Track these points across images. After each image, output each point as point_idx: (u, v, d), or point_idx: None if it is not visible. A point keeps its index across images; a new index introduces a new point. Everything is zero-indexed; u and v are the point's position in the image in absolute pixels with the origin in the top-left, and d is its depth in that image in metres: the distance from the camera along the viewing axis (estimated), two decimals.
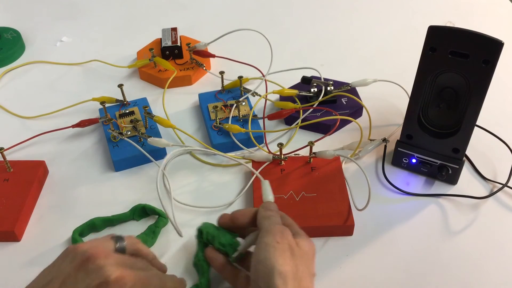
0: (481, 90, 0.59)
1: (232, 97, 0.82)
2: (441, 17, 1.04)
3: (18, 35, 0.99)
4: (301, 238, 0.51)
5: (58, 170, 0.73)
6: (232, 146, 0.74)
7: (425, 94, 0.64)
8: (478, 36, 0.55)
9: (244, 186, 0.69)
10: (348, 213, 0.62)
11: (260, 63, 0.86)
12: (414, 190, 0.68)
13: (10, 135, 0.78)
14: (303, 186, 0.66)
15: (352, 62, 0.94)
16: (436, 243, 0.62)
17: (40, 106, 0.84)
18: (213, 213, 0.66)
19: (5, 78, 0.92)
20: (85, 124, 0.76)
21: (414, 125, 0.66)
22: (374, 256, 0.61)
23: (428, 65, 0.61)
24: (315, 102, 0.78)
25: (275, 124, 0.80)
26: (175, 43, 0.90)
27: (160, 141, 0.71)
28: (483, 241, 0.62)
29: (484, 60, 0.56)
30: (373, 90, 0.80)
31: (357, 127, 0.72)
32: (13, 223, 0.62)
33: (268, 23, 1.04)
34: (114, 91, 0.81)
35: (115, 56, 0.95)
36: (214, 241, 0.55)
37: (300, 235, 0.52)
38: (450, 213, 0.65)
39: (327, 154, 0.67)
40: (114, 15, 1.09)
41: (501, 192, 0.67)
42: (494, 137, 0.74)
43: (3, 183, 0.67)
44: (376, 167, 0.72)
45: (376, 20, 1.06)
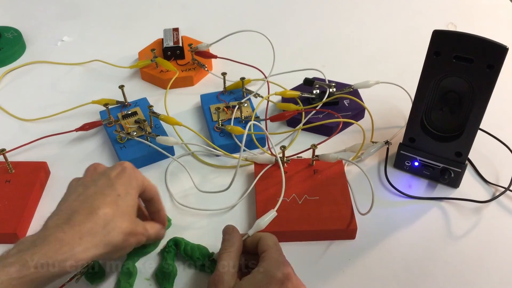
0: (485, 94, 0.59)
1: (234, 98, 0.82)
2: (443, 19, 1.04)
3: (19, 34, 0.99)
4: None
5: (60, 172, 0.73)
6: (234, 147, 0.74)
7: (429, 98, 0.64)
8: (483, 41, 0.55)
9: (247, 188, 0.68)
10: (351, 216, 0.62)
11: (261, 64, 0.85)
12: (416, 193, 0.68)
13: (11, 137, 0.78)
14: (306, 189, 0.66)
15: (353, 63, 0.94)
16: (438, 247, 0.62)
17: (41, 107, 0.84)
18: (215, 215, 0.66)
19: (6, 78, 0.92)
20: (88, 128, 0.76)
21: (417, 128, 0.66)
22: (377, 260, 0.61)
23: (432, 69, 0.61)
24: (318, 104, 0.78)
25: (277, 126, 0.80)
26: (177, 43, 0.90)
27: (168, 139, 0.71)
28: (485, 245, 0.62)
29: (489, 65, 0.56)
30: (375, 92, 0.80)
31: (359, 128, 0.72)
32: (15, 225, 0.62)
33: (270, 24, 1.04)
34: (115, 92, 0.80)
35: (116, 56, 0.94)
36: (194, 251, 0.59)
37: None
38: (452, 216, 0.65)
39: (330, 157, 0.67)
40: (116, 15, 1.09)
41: (503, 196, 0.67)
42: (497, 141, 0.74)
43: (5, 185, 0.67)
44: (379, 170, 0.72)
45: (378, 21, 1.05)
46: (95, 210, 0.49)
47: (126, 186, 0.53)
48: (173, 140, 0.71)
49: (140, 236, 0.54)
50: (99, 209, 0.49)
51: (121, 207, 0.51)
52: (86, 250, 0.47)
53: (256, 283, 0.49)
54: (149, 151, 0.72)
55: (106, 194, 0.51)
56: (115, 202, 0.51)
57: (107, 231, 0.49)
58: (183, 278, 0.59)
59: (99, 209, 0.49)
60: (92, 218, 0.49)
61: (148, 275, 0.59)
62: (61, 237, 0.47)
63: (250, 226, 0.64)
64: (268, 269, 0.50)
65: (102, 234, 0.49)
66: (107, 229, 0.49)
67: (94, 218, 0.49)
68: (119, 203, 0.51)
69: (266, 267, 0.50)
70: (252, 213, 0.66)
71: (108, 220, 0.49)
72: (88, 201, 0.50)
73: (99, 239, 0.48)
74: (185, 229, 0.64)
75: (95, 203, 0.50)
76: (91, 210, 0.49)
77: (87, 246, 0.47)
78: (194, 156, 0.75)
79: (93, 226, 0.48)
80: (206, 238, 0.62)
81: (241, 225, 0.65)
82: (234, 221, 0.62)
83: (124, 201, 0.52)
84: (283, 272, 0.49)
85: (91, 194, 0.51)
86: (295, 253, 0.59)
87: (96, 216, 0.49)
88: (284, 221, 0.62)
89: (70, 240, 0.47)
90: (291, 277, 0.50)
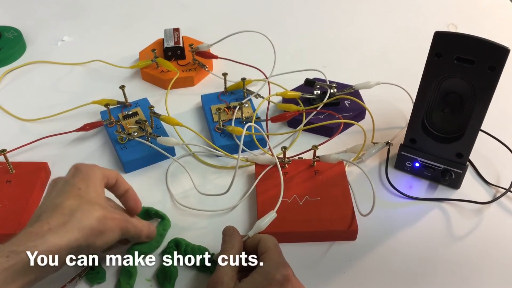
0: (486, 96, 0.59)
1: (235, 98, 0.81)
2: (443, 19, 1.04)
3: (19, 34, 0.99)
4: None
5: (61, 173, 0.71)
6: (235, 148, 0.74)
7: (430, 99, 0.64)
8: (484, 42, 0.55)
9: (247, 189, 0.68)
10: (352, 217, 0.62)
11: (262, 65, 0.85)
12: (417, 194, 0.68)
13: (11, 138, 0.78)
14: (307, 190, 0.66)
15: (354, 64, 0.94)
16: (439, 248, 0.62)
17: (41, 107, 0.84)
18: (216, 216, 0.66)
19: (6, 78, 0.92)
20: (89, 128, 0.76)
21: (418, 129, 0.66)
22: (378, 261, 0.61)
23: (433, 70, 0.61)
24: (319, 104, 0.78)
25: (278, 127, 0.79)
26: (177, 43, 0.90)
27: (169, 140, 0.71)
28: (486, 246, 0.62)
29: (490, 67, 0.56)
30: (376, 93, 0.80)
31: (360, 129, 0.72)
32: (15, 226, 0.62)
33: (271, 24, 1.04)
34: (116, 92, 0.80)
35: (116, 56, 0.94)
36: (194, 252, 0.59)
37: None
38: (453, 218, 0.65)
39: (331, 158, 0.67)
40: (116, 15, 1.09)
41: (504, 197, 0.67)
42: (498, 142, 0.74)
43: (6, 185, 0.67)
44: (379, 171, 0.72)
45: (379, 22, 1.05)
46: (59, 205, 0.51)
47: (85, 181, 0.54)
48: (174, 141, 0.71)
49: (121, 222, 0.54)
50: (63, 202, 0.51)
51: (85, 197, 0.52)
52: (59, 236, 0.48)
53: (256, 284, 0.49)
54: (150, 151, 0.72)
55: (67, 191, 0.53)
56: (77, 194, 0.52)
57: (77, 217, 0.50)
58: (184, 278, 0.59)
59: (63, 203, 0.51)
60: (58, 210, 0.50)
61: (148, 276, 0.59)
62: (30, 231, 0.48)
63: (251, 227, 0.64)
64: (267, 271, 0.50)
65: (72, 221, 0.50)
66: (76, 215, 0.50)
67: (60, 210, 0.50)
68: (82, 194, 0.53)
69: (265, 269, 0.50)
70: (253, 214, 0.66)
71: (74, 209, 0.51)
72: (52, 201, 0.52)
73: (71, 225, 0.49)
74: (185, 229, 0.64)
75: (58, 200, 0.51)
76: (56, 205, 0.51)
77: (58, 233, 0.48)
78: (195, 156, 0.75)
79: (60, 216, 0.50)
80: (207, 238, 0.62)
81: (242, 226, 0.65)
82: (235, 222, 0.63)
83: (86, 192, 0.53)
84: (283, 274, 0.49)
85: (53, 196, 0.53)
86: (296, 254, 0.60)
87: (62, 207, 0.50)
88: (285, 222, 0.62)
89: (39, 231, 0.48)
90: (291, 279, 0.50)
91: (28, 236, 0.48)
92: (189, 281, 0.59)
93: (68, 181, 0.54)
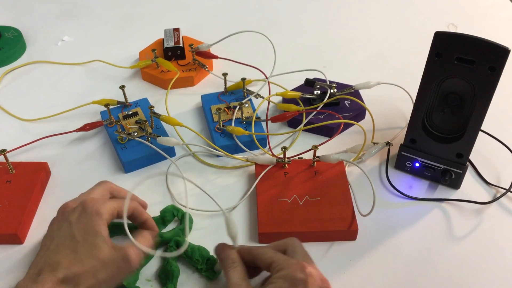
0: (486, 96, 0.59)
1: (235, 98, 0.81)
2: (443, 19, 1.04)
3: (19, 34, 0.99)
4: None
5: (61, 173, 0.73)
6: (235, 148, 0.74)
7: (430, 99, 0.64)
8: (485, 43, 0.55)
9: (248, 189, 0.68)
10: (352, 218, 0.62)
11: (262, 65, 0.85)
12: (417, 194, 0.68)
13: (11, 138, 0.78)
14: (307, 190, 0.66)
15: (354, 64, 0.94)
16: (439, 248, 0.62)
17: (41, 107, 0.84)
18: (217, 216, 0.66)
19: (6, 78, 0.92)
20: (89, 128, 0.76)
21: (418, 130, 0.66)
22: (378, 261, 0.61)
23: (433, 70, 0.61)
24: (319, 104, 0.78)
25: (278, 127, 0.80)
26: (177, 43, 0.90)
27: (169, 140, 0.71)
28: (486, 247, 0.62)
29: (490, 67, 0.56)
30: (376, 93, 0.80)
31: (360, 129, 0.72)
32: (16, 226, 0.62)
33: (271, 24, 1.04)
34: (116, 92, 0.80)
35: (116, 56, 0.94)
36: (194, 253, 0.59)
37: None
38: (453, 218, 0.65)
39: (331, 158, 0.67)
40: (116, 15, 1.09)
41: (504, 197, 0.67)
42: (498, 142, 0.74)
43: (6, 185, 0.67)
44: (380, 171, 0.72)
45: (379, 22, 1.05)
46: (56, 266, 0.50)
47: (85, 230, 0.52)
48: (174, 141, 0.71)
49: (129, 251, 0.53)
50: (59, 264, 0.50)
51: (80, 253, 0.51)
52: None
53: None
54: (150, 151, 0.72)
55: (66, 246, 0.51)
56: (73, 250, 0.51)
57: (75, 281, 0.49)
58: (185, 278, 0.59)
59: (61, 263, 0.50)
60: (55, 274, 0.49)
61: (149, 276, 0.59)
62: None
63: (251, 227, 0.64)
64: (287, 274, 0.49)
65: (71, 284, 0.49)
66: (75, 280, 0.49)
67: (56, 274, 0.49)
68: (78, 249, 0.51)
69: (284, 273, 0.49)
70: (253, 214, 0.66)
71: (72, 275, 0.50)
72: (51, 257, 0.51)
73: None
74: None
75: (56, 258, 0.50)
76: (53, 267, 0.50)
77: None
78: (195, 156, 0.75)
79: (55, 283, 0.49)
80: (207, 239, 0.62)
81: (242, 226, 0.65)
82: (235, 222, 0.62)
83: (83, 246, 0.51)
84: (304, 272, 0.48)
85: (53, 249, 0.52)
86: None
87: (58, 269, 0.49)
88: (285, 222, 0.62)
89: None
90: (311, 272, 0.49)
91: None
92: (191, 281, 0.59)
93: (71, 226, 0.53)
